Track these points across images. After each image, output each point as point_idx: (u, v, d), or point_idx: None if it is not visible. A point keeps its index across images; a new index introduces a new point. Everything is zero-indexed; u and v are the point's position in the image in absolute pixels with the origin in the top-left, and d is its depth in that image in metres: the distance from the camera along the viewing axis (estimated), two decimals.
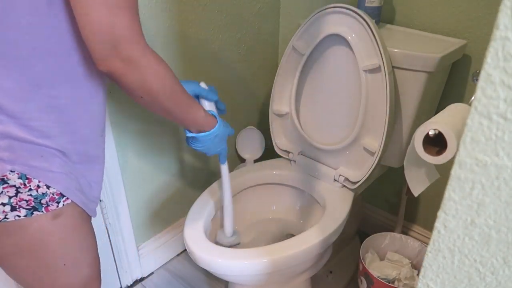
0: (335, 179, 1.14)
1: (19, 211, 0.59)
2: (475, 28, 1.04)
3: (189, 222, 1.01)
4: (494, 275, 0.35)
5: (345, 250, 1.37)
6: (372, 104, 1.02)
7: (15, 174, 0.57)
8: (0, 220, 0.58)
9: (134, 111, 1.14)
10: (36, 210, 0.60)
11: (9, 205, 0.58)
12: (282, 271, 0.95)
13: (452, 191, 0.33)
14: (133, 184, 1.23)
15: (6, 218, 0.58)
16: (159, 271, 1.43)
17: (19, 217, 0.59)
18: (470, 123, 0.30)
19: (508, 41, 0.27)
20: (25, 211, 0.59)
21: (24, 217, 0.59)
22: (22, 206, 0.58)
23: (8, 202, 0.57)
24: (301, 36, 1.10)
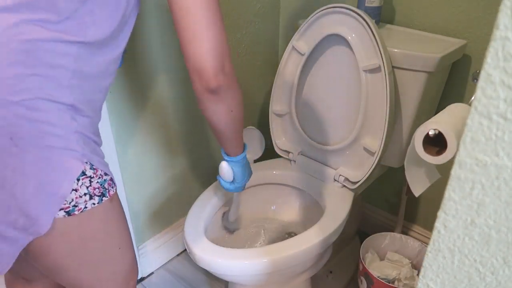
0: (335, 179, 1.14)
1: (94, 198, 0.63)
2: (475, 28, 1.04)
3: (189, 222, 1.01)
4: (494, 275, 0.35)
5: (345, 250, 1.37)
6: (372, 104, 1.02)
7: (88, 164, 0.62)
8: (82, 210, 0.62)
9: (134, 111, 1.14)
10: (104, 196, 0.65)
11: (88, 194, 0.62)
12: (282, 271, 0.95)
13: (452, 191, 0.33)
14: (133, 184, 1.23)
15: (86, 207, 0.62)
16: (159, 271, 1.43)
17: (94, 204, 0.63)
18: (470, 123, 0.30)
19: (508, 41, 0.27)
20: (98, 198, 0.64)
21: (97, 204, 0.64)
22: (96, 193, 0.63)
23: (87, 191, 0.62)
24: (301, 36, 1.10)
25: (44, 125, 0.57)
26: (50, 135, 0.58)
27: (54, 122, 0.58)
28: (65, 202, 0.60)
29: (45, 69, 0.57)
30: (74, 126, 0.61)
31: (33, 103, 0.56)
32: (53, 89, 0.58)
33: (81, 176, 0.61)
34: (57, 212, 0.60)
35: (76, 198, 0.61)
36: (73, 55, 0.59)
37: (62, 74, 0.59)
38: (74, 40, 0.59)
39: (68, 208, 0.61)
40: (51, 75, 0.58)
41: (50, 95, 0.58)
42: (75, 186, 0.60)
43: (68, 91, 0.60)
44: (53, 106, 0.59)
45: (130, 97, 1.12)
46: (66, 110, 0.60)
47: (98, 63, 0.64)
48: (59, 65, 0.58)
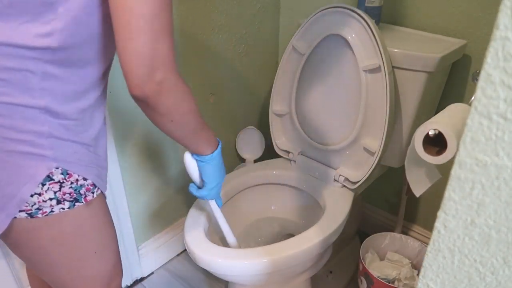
0: (335, 179, 1.14)
1: (63, 203, 0.62)
2: (475, 28, 1.04)
3: (189, 222, 1.01)
4: (494, 275, 0.35)
5: (345, 250, 1.37)
6: (372, 104, 1.02)
7: (58, 170, 0.61)
8: (47, 213, 0.62)
9: (134, 111, 1.14)
10: (77, 202, 0.64)
11: (55, 199, 0.61)
12: (282, 271, 0.95)
13: (452, 191, 0.33)
14: (133, 184, 1.23)
15: (52, 211, 0.62)
16: (159, 271, 1.43)
17: (63, 209, 0.63)
18: (470, 123, 0.30)
19: (508, 41, 0.27)
20: (68, 203, 0.63)
21: (67, 209, 0.63)
22: (66, 198, 0.62)
23: (54, 197, 0.61)
24: (301, 36, 1.10)
25: (5, 130, 0.56)
26: (11, 140, 0.57)
27: (17, 127, 0.57)
28: (26, 205, 0.60)
29: (6, 73, 0.55)
30: (46, 131, 0.59)
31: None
32: (18, 93, 0.56)
33: (47, 181, 0.60)
34: (16, 213, 0.60)
35: (39, 202, 0.60)
36: (42, 59, 0.56)
37: (28, 77, 0.56)
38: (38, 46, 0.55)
39: (30, 211, 0.60)
40: (13, 79, 0.55)
41: (12, 100, 0.56)
42: (39, 191, 0.60)
43: (37, 94, 0.57)
44: (17, 111, 0.56)
45: (129, 97, 1.12)
46: (36, 114, 0.58)
47: (80, 59, 0.60)
48: (22, 68, 0.55)
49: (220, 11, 1.23)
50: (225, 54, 1.31)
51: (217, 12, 1.22)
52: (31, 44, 0.55)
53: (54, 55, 0.57)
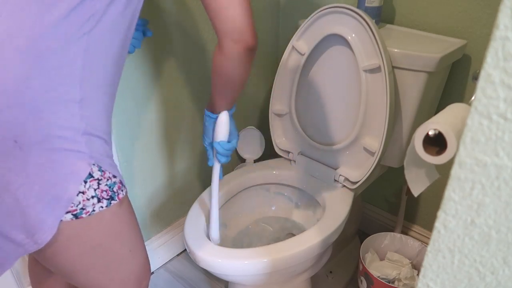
0: (335, 179, 1.14)
1: (102, 202, 0.62)
2: (475, 28, 1.04)
3: (189, 222, 1.01)
4: (494, 275, 0.35)
5: (345, 250, 1.37)
6: (372, 104, 1.02)
7: (96, 166, 0.60)
8: (90, 213, 0.61)
9: (134, 111, 1.14)
10: (112, 200, 0.64)
11: (96, 197, 0.61)
12: (282, 271, 0.95)
13: (452, 191, 0.33)
14: (133, 184, 1.23)
15: (94, 210, 0.61)
16: (159, 271, 1.43)
17: (102, 208, 0.62)
18: (470, 123, 0.30)
19: (508, 41, 0.27)
20: (106, 201, 0.62)
21: (106, 208, 0.62)
22: (104, 196, 0.62)
23: (95, 194, 0.61)
24: (301, 36, 1.10)
25: (49, 127, 0.56)
26: (55, 137, 0.56)
27: (60, 123, 0.57)
28: (72, 205, 0.58)
29: (51, 68, 0.55)
30: (83, 127, 0.59)
31: (38, 104, 0.55)
32: (61, 86, 0.56)
33: (88, 178, 0.59)
34: (63, 215, 0.58)
35: (83, 200, 0.59)
36: (83, 48, 0.57)
37: (71, 70, 0.57)
38: (82, 33, 0.57)
39: (76, 211, 0.59)
40: (59, 73, 0.56)
41: (57, 94, 0.56)
42: (82, 189, 0.59)
43: (78, 85, 0.58)
44: (61, 106, 0.57)
45: (130, 97, 1.12)
46: (74, 109, 0.58)
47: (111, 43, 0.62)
48: (68, 62, 0.56)
49: None
50: None
51: None
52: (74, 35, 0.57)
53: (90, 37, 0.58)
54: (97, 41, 0.59)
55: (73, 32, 0.56)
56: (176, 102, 1.24)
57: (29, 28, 0.54)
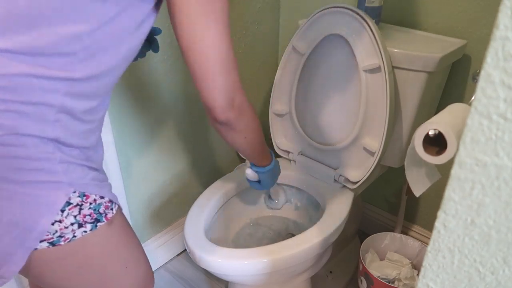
0: (335, 179, 1.14)
1: (85, 226, 0.61)
2: (475, 28, 1.04)
3: (189, 222, 1.01)
4: (494, 275, 0.35)
5: (345, 250, 1.37)
6: (372, 104, 1.02)
7: (76, 193, 0.60)
8: (69, 239, 0.60)
9: (134, 111, 1.14)
10: (98, 222, 0.63)
11: (76, 223, 0.60)
12: (282, 271, 0.95)
13: (452, 191, 0.33)
14: (133, 184, 1.23)
15: (75, 236, 0.60)
16: (159, 271, 1.43)
17: (86, 232, 0.61)
18: (470, 123, 0.30)
19: (508, 41, 0.27)
20: (90, 225, 0.62)
21: (90, 231, 0.62)
22: (87, 221, 0.61)
23: (75, 221, 0.60)
24: (301, 36, 1.10)
25: (20, 160, 0.55)
26: (27, 170, 0.55)
27: (32, 156, 0.56)
28: (47, 234, 0.58)
29: (22, 105, 0.54)
30: (58, 157, 0.58)
31: (6, 139, 0.53)
32: (30, 125, 0.55)
33: (66, 206, 0.58)
34: (34, 247, 0.57)
35: (60, 229, 0.59)
36: (61, 91, 0.56)
37: (44, 110, 0.56)
38: (61, 77, 0.55)
39: (52, 239, 0.59)
40: (29, 111, 0.54)
41: (26, 131, 0.55)
42: (59, 218, 0.58)
43: (51, 126, 0.57)
44: (30, 141, 0.55)
45: (130, 97, 1.12)
46: (47, 143, 0.57)
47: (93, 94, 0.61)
48: (41, 101, 0.55)
49: None
50: None
51: None
52: (55, 75, 0.55)
53: (73, 86, 0.57)
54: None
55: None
56: (177, 102, 1.24)
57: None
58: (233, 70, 0.68)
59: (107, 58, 0.59)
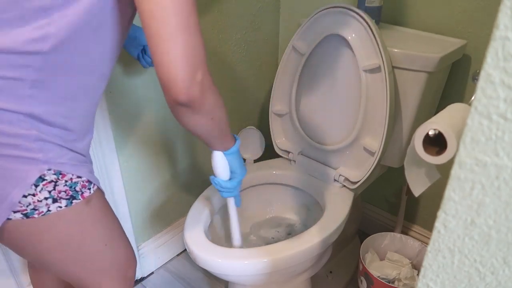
0: (335, 179, 1.14)
1: (60, 202, 0.63)
2: (475, 28, 1.04)
3: (189, 222, 1.01)
4: (494, 275, 0.35)
5: (345, 250, 1.37)
6: (372, 104, 1.02)
7: (51, 171, 0.61)
8: (44, 213, 0.62)
9: (134, 111, 1.14)
10: (74, 199, 0.64)
11: (50, 198, 0.62)
12: (282, 271, 0.95)
13: (452, 191, 0.33)
14: (133, 184, 1.23)
15: (49, 210, 0.62)
16: (159, 271, 1.43)
17: (61, 207, 0.63)
18: (470, 123, 0.30)
19: (508, 41, 0.27)
20: (65, 201, 0.63)
21: (65, 207, 0.63)
22: (62, 197, 0.63)
23: (50, 196, 0.61)
24: (301, 36, 1.10)
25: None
26: (2, 144, 0.57)
27: (5, 132, 0.57)
28: (20, 205, 0.60)
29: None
30: (34, 135, 0.59)
31: None
32: (3, 100, 0.56)
33: (40, 182, 0.60)
34: (7, 216, 0.60)
35: (34, 202, 0.61)
36: (33, 66, 0.56)
37: (15, 84, 0.56)
38: (29, 50, 0.55)
39: (26, 211, 0.61)
40: (1, 86, 0.56)
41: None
42: (32, 191, 0.60)
43: (25, 101, 0.57)
44: (4, 116, 0.57)
45: (130, 97, 1.12)
46: (22, 119, 0.58)
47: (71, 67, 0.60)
48: (12, 76, 0.56)
49: (220, 11, 1.23)
50: (225, 54, 1.31)
51: (217, 12, 1.22)
52: (22, 49, 0.55)
53: (45, 61, 0.57)
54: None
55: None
56: None
57: None
58: (195, 37, 0.58)
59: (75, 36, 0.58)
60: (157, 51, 0.57)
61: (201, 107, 0.64)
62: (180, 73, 0.58)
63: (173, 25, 0.55)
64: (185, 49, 0.57)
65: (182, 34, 0.56)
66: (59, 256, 0.69)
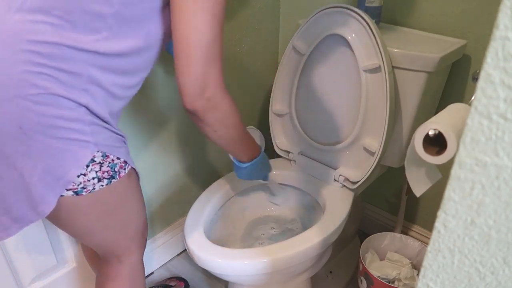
0: (335, 179, 1.14)
1: (102, 181, 0.71)
2: (475, 28, 1.04)
3: (189, 222, 1.01)
4: (494, 275, 0.35)
5: (345, 250, 1.37)
6: (372, 104, 1.02)
7: (99, 153, 0.68)
8: (90, 191, 0.70)
9: (134, 111, 1.14)
10: (113, 178, 0.72)
11: (96, 178, 0.69)
12: (282, 271, 0.95)
13: (452, 191, 0.33)
14: None
15: (94, 188, 0.70)
16: (159, 271, 1.43)
17: (102, 186, 0.71)
18: (470, 123, 0.30)
19: (508, 41, 0.27)
20: (106, 180, 0.71)
21: (106, 186, 0.71)
22: (105, 177, 0.71)
23: (96, 176, 0.69)
24: (301, 36, 1.10)
25: (53, 118, 0.62)
26: (59, 128, 0.63)
27: (65, 116, 0.63)
28: (73, 184, 0.67)
29: (54, 71, 0.62)
30: (88, 120, 0.66)
31: (41, 98, 0.61)
32: (63, 89, 0.63)
33: (90, 163, 0.67)
34: (61, 193, 0.67)
35: (84, 181, 0.68)
36: (87, 62, 0.64)
37: (73, 78, 0.63)
38: (87, 49, 0.63)
39: (76, 189, 0.68)
40: (60, 78, 0.62)
41: (59, 93, 0.62)
42: (84, 171, 0.67)
43: (81, 94, 0.65)
44: (64, 103, 0.63)
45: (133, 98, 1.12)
46: (80, 106, 0.65)
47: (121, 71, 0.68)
48: (70, 69, 0.63)
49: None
50: (225, 54, 1.31)
51: None
52: (82, 47, 0.63)
53: (99, 60, 0.65)
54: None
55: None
56: (176, 102, 1.24)
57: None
58: (214, 62, 0.69)
59: (129, 39, 0.66)
60: (178, 64, 0.68)
61: (204, 119, 0.74)
62: (190, 87, 0.69)
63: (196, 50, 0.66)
64: (200, 71, 0.68)
65: (202, 59, 0.67)
66: (102, 224, 0.77)
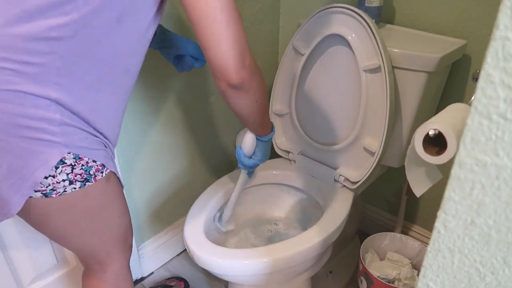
0: (335, 179, 1.14)
1: (74, 184, 0.68)
2: (475, 28, 1.04)
3: (189, 222, 1.01)
4: (494, 275, 0.35)
5: (345, 250, 1.37)
6: (372, 104, 1.02)
7: (70, 155, 0.65)
8: (60, 193, 0.67)
9: (134, 111, 1.14)
10: (87, 181, 0.69)
11: (67, 180, 0.66)
12: (282, 271, 0.95)
13: (452, 191, 0.33)
14: (133, 184, 1.23)
15: (65, 191, 0.67)
16: (159, 271, 1.43)
17: (75, 189, 0.68)
18: (470, 123, 0.30)
19: (508, 41, 0.27)
20: (80, 183, 0.68)
21: (79, 188, 0.68)
22: (77, 179, 0.68)
23: (67, 178, 0.66)
24: (301, 36, 1.10)
25: (18, 117, 0.59)
26: (25, 127, 0.60)
27: (29, 114, 0.60)
28: (41, 186, 0.64)
29: (17, 64, 0.58)
30: (58, 119, 0.63)
31: (4, 94, 0.58)
32: (29, 84, 0.59)
33: (60, 164, 0.64)
34: (29, 194, 0.64)
35: (53, 183, 0.65)
36: (58, 52, 0.60)
37: (42, 70, 0.60)
38: (57, 36, 0.59)
39: (45, 191, 0.65)
40: (24, 71, 0.59)
41: (24, 90, 0.59)
42: (53, 173, 0.64)
43: (51, 87, 0.61)
44: (30, 100, 0.60)
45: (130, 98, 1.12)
46: (48, 104, 0.61)
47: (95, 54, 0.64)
48: (38, 62, 0.59)
49: None
50: None
51: None
52: (47, 35, 0.58)
53: (68, 48, 0.60)
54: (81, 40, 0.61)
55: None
56: (176, 101, 1.24)
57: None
58: (240, 26, 0.68)
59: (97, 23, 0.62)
60: (210, 45, 0.67)
61: (250, 88, 0.74)
62: (232, 61, 0.69)
63: (223, 21, 0.65)
64: (234, 40, 0.67)
65: (230, 27, 0.66)
66: (78, 229, 0.74)
